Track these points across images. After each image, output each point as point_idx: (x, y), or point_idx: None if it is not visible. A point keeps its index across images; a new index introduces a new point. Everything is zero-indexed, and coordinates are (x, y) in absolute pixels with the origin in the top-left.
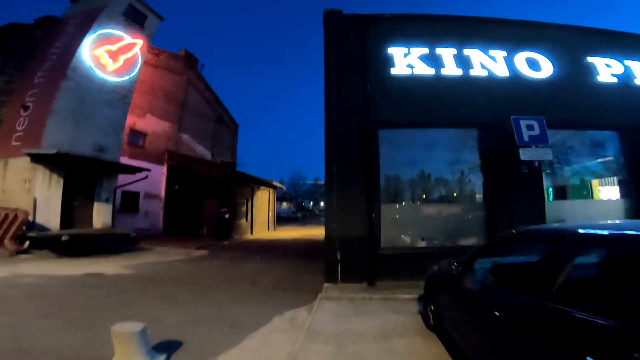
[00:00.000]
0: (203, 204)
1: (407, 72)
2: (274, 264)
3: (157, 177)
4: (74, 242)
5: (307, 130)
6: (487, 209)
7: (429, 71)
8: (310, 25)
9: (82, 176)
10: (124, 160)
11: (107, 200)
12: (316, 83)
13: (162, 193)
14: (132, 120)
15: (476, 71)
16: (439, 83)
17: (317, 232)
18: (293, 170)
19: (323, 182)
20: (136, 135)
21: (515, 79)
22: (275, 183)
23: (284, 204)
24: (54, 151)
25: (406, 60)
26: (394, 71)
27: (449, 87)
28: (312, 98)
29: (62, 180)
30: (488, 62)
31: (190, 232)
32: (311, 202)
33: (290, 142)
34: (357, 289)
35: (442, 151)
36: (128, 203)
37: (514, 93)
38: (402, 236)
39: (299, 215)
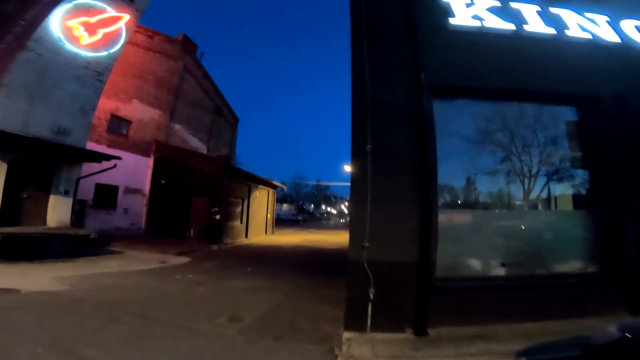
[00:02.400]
0: (191, 202)
1: (473, 24)
2: (268, 282)
3: (141, 170)
4: (13, 243)
5: (310, 130)
6: (598, 218)
7: (506, 26)
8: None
9: (35, 163)
10: (100, 149)
11: (65, 193)
12: (318, 79)
13: (147, 188)
14: (115, 105)
15: (573, 32)
16: (521, 42)
17: (320, 237)
18: (294, 172)
19: (325, 184)
20: (118, 122)
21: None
22: (275, 182)
23: (285, 206)
24: None
25: (470, 11)
26: (453, 21)
27: (535, 48)
28: (316, 96)
29: (5, 167)
30: (588, 25)
31: (176, 234)
32: (312, 205)
33: (292, 143)
34: (399, 344)
35: (524, 135)
36: (103, 198)
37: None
38: (469, 259)
39: (299, 218)
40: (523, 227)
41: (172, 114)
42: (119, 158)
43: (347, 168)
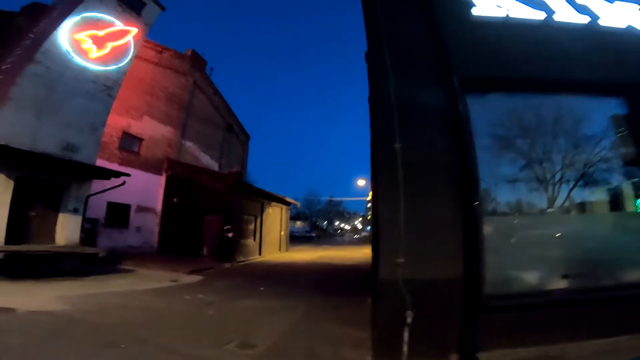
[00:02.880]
0: (204, 220)
1: (496, 14)
2: (283, 302)
3: (153, 188)
4: (19, 261)
5: (321, 147)
6: None
7: (534, 15)
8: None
9: (43, 180)
10: (112, 167)
11: (75, 211)
12: (329, 95)
13: (159, 206)
14: (126, 122)
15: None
16: (553, 31)
17: (335, 254)
18: (307, 189)
19: (338, 200)
20: (130, 140)
21: None
22: (288, 199)
23: (298, 223)
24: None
25: (493, 1)
26: (475, 12)
27: (570, 38)
28: (327, 112)
29: (12, 184)
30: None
31: (189, 252)
32: (325, 222)
33: (304, 160)
34: None
35: (563, 131)
36: (115, 217)
37: None
38: (522, 272)
39: (313, 234)
40: (580, 232)
41: (184, 131)
42: (127, 175)
43: (361, 182)
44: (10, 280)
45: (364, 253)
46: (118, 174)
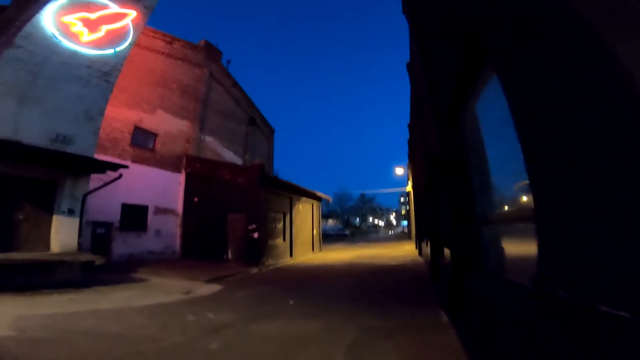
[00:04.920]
0: (227, 220)
1: None
2: (320, 323)
3: (172, 188)
4: (5, 271)
5: (351, 141)
6: None
7: None
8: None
9: (30, 178)
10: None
11: (70, 213)
12: (359, 85)
13: (179, 207)
14: (138, 116)
15: None
16: None
17: (374, 252)
18: (337, 185)
19: (371, 193)
20: (143, 135)
21: None
22: (319, 194)
23: (330, 221)
24: None
25: None
26: None
27: None
28: (355, 105)
29: None
30: None
31: (213, 256)
32: (358, 219)
33: (333, 155)
34: None
35: None
36: (132, 219)
37: None
38: None
39: (347, 232)
40: None
41: (202, 125)
42: (126, 167)
43: (399, 171)
44: None
45: (406, 250)
46: (115, 166)
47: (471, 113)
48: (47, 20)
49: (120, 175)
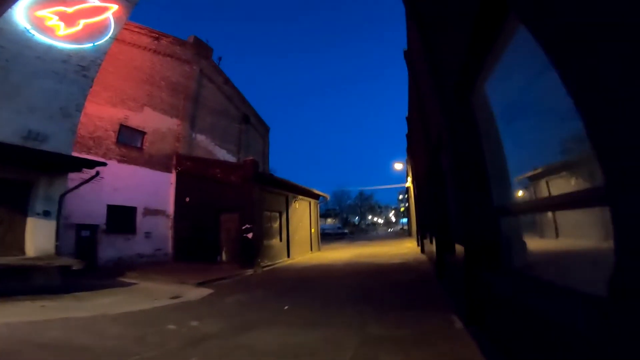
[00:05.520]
0: (220, 220)
1: None
2: (319, 332)
3: (162, 188)
4: None
5: (346, 139)
6: None
7: None
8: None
9: (1, 178)
10: (111, 164)
11: (45, 215)
12: (351, 82)
13: (171, 208)
14: (123, 114)
15: None
16: None
17: (374, 250)
18: (335, 184)
19: (369, 190)
20: (130, 134)
21: None
22: (317, 191)
23: (328, 220)
24: None
25: None
26: None
27: None
28: (347, 101)
29: None
30: None
31: (207, 258)
32: (357, 217)
33: (329, 153)
34: None
35: None
36: (119, 222)
37: None
38: None
39: (346, 231)
40: None
41: (193, 123)
42: (104, 164)
43: (398, 166)
44: None
45: (407, 248)
46: (91, 163)
47: (481, 91)
48: (19, 14)
49: (97, 173)
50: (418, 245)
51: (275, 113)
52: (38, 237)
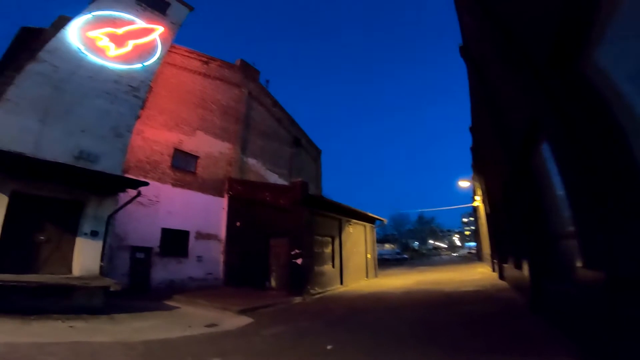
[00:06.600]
0: (269, 245)
1: None
2: None
3: (214, 212)
4: (15, 293)
5: (405, 161)
6: None
7: None
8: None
9: (52, 198)
10: (164, 188)
11: (93, 235)
12: (407, 103)
13: (222, 232)
14: (177, 138)
15: None
16: None
17: (438, 276)
18: (392, 209)
19: (430, 217)
20: (184, 158)
21: None
22: (372, 215)
23: (386, 246)
24: None
25: None
26: None
27: None
28: (408, 121)
29: (5, 200)
30: None
31: (256, 283)
32: (417, 242)
33: (387, 175)
34: None
35: None
36: (172, 245)
37: None
38: None
39: (405, 256)
40: None
41: (244, 146)
42: (146, 184)
43: (464, 184)
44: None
45: (479, 273)
46: (135, 183)
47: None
48: (73, 35)
49: (139, 193)
50: (494, 270)
51: (329, 136)
52: (84, 257)
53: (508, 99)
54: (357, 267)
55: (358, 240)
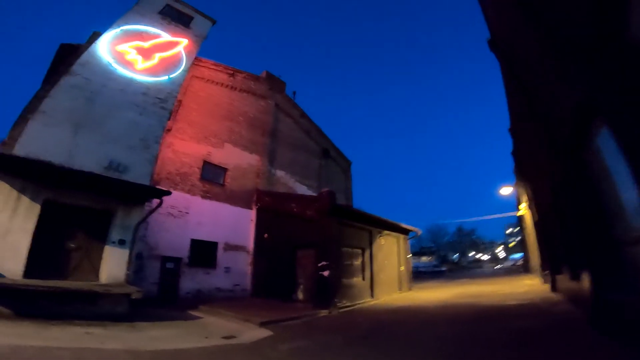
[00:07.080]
0: (296, 257)
1: None
2: None
3: (242, 224)
4: (44, 298)
5: (442, 170)
6: None
7: None
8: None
9: (84, 207)
10: (194, 200)
11: (120, 243)
12: (448, 107)
13: (250, 244)
14: (206, 150)
15: None
16: None
17: (479, 289)
18: (429, 221)
19: (468, 231)
20: (212, 170)
21: None
22: (405, 226)
23: (423, 258)
24: (18, 153)
25: None
26: None
27: None
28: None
29: (37, 208)
30: None
31: (283, 295)
32: (456, 254)
33: (422, 186)
34: None
35: None
36: (201, 256)
37: None
38: None
39: (443, 268)
40: None
41: (272, 158)
42: (168, 193)
43: (505, 191)
44: (28, 320)
45: (527, 285)
46: (159, 192)
47: None
48: (103, 48)
49: (161, 202)
50: (544, 282)
51: (361, 147)
52: (111, 265)
53: (549, 89)
54: (389, 279)
55: (390, 252)
